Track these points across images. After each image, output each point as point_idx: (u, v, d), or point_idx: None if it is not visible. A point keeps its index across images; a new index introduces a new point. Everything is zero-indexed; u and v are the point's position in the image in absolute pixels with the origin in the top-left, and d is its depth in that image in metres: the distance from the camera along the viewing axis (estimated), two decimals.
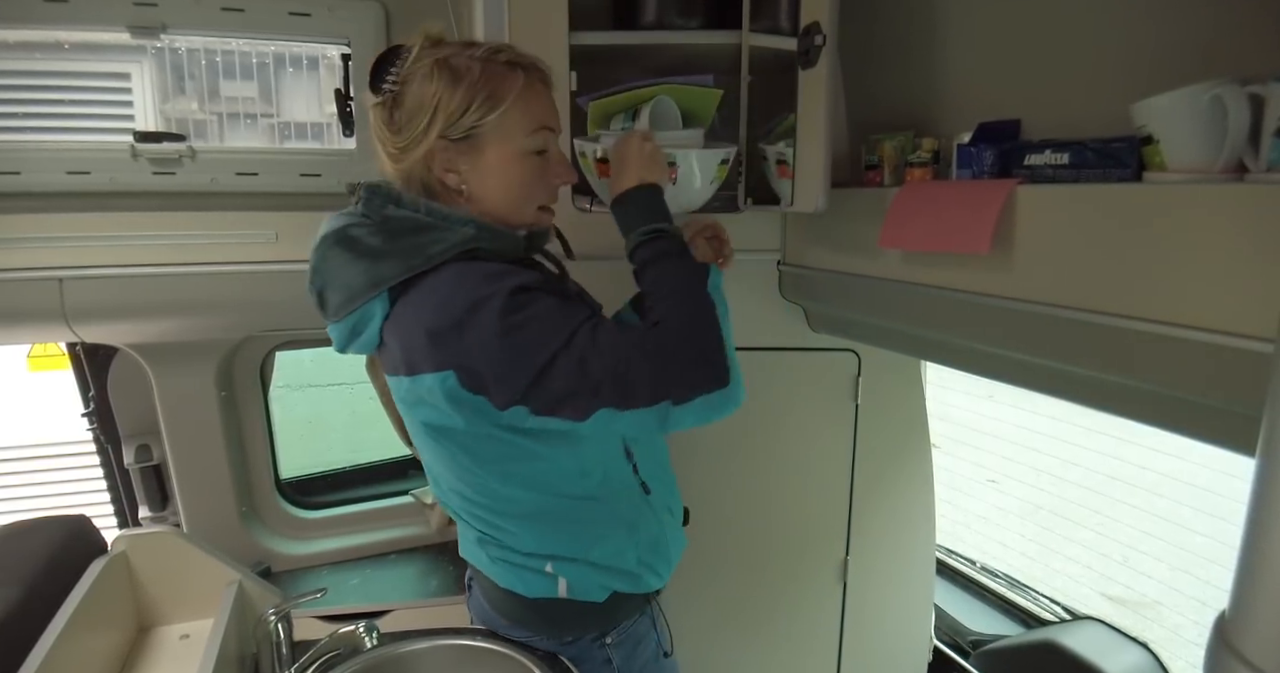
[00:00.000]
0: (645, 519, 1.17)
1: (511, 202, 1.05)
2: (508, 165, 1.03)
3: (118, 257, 1.50)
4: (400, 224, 1.01)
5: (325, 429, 2.34)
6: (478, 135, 1.00)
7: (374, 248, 0.99)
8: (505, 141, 1.02)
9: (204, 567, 1.28)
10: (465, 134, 1.00)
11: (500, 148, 1.02)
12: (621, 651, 1.21)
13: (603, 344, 0.94)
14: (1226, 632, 0.52)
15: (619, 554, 1.15)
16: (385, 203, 1.02)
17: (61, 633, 0.99)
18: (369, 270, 0.99)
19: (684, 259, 1.05)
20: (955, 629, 2.27)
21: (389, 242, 0.99)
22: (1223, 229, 0.79)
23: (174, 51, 1.65)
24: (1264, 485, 0.51)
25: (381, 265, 0.98)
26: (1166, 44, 0.96)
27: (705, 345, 0.97)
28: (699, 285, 1.01)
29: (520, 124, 1.02)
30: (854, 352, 1.77)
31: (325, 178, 1.69)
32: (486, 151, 1.02)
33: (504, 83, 1.00)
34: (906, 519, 1.90)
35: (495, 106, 0.99)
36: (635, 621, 1.23)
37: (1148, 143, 0.89)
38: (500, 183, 1.03)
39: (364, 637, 1.18)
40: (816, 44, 1.32)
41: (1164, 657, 1.98)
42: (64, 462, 3.71)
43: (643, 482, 1.17)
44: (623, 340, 0.95)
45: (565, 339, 0.94)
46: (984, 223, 1.01)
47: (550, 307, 0.96)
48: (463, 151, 1.01)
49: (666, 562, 1.22)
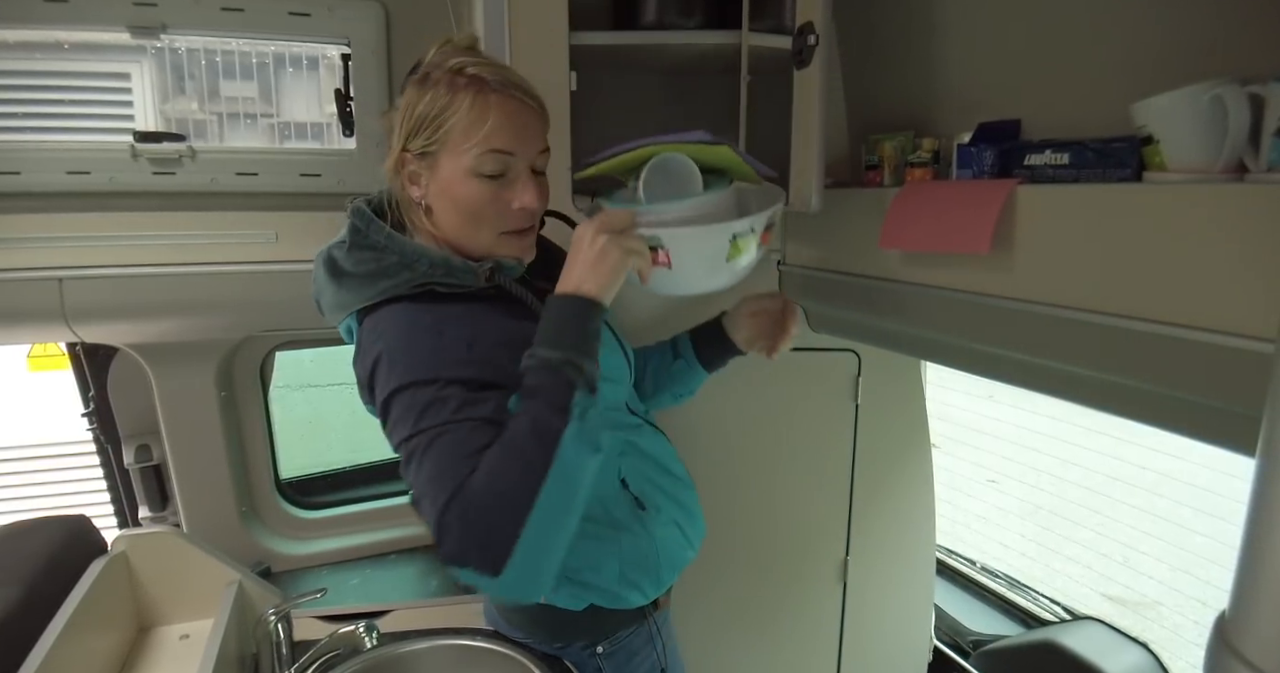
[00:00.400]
0: (634, 535, 1.13)
1: (463, 226, 1.01)
2: (456, 185, 0.98)
3: (118, 257, 1.50)
4: (362, 255, 1.02)
5: (325, 429, 2.34)
6: (434, 151, 0.98)
7: (344, 272, 1.02)
8: (455, 159, 0.97)
9: (204, 567, 1.28)
10: (423, 148, 0.98)
11: (451, 166, 0.98)
12: (613, 662, 1.19)
13: (427, 462, 0.86)
14: (1227, 632, 0.52)
15: (595, 569, 1.11)
16: (360, 228, 1.03)
17: (61, 633, 0.99)
18: (337, 293, 1.03)
19: (548, 406, 0.86)
20: (955, 629, 2.27)
21: (354, 269, 1.01)
22: (1223, 229, 0.79)
23: (174, 51, 1.65)
24: (1264, 486, 0.51)
25: (345, 292, 1.02)
26: (1167, 44, 0.96)
27: (495, 523, 0.81)
28: (544, 446, 0.84)
29: (469, 143, 0.96)
30: (854, 352, 1.77)
31: (325, 178, 1.69)
32: (441, 168, 0.99)
33: (458, 96, 0.96)
34: (907, 519, 1.90)
35: (445, 121, 0.96)
36: (631, 632, 1.20)
37: (1148, 143, 0.89)
38: (450, 203, 1.00)
39: (364, 637, 1.18)
40: (810, 44, 1.32)
41: (1164, 657, 1.98)
42: (64, 462, 3.71)
43: (635, 497, 1.13)
44: (443, 470, 0.84)
45: (432, 436, 0.87)
46: (984, 223, 1.01)
47: (421, 400, 0.88)
48: (424, 167, 1.00)
49: (655, 579, 1.16)
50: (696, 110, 1.80)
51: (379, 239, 1.01)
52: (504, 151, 0.98)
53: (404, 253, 1.00)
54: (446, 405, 0.88)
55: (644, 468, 1.16)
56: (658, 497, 1.16)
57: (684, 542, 1.20)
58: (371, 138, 1.67)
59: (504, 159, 0.98)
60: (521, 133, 0.99)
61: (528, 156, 1.00)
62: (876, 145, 1.38)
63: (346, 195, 1.10)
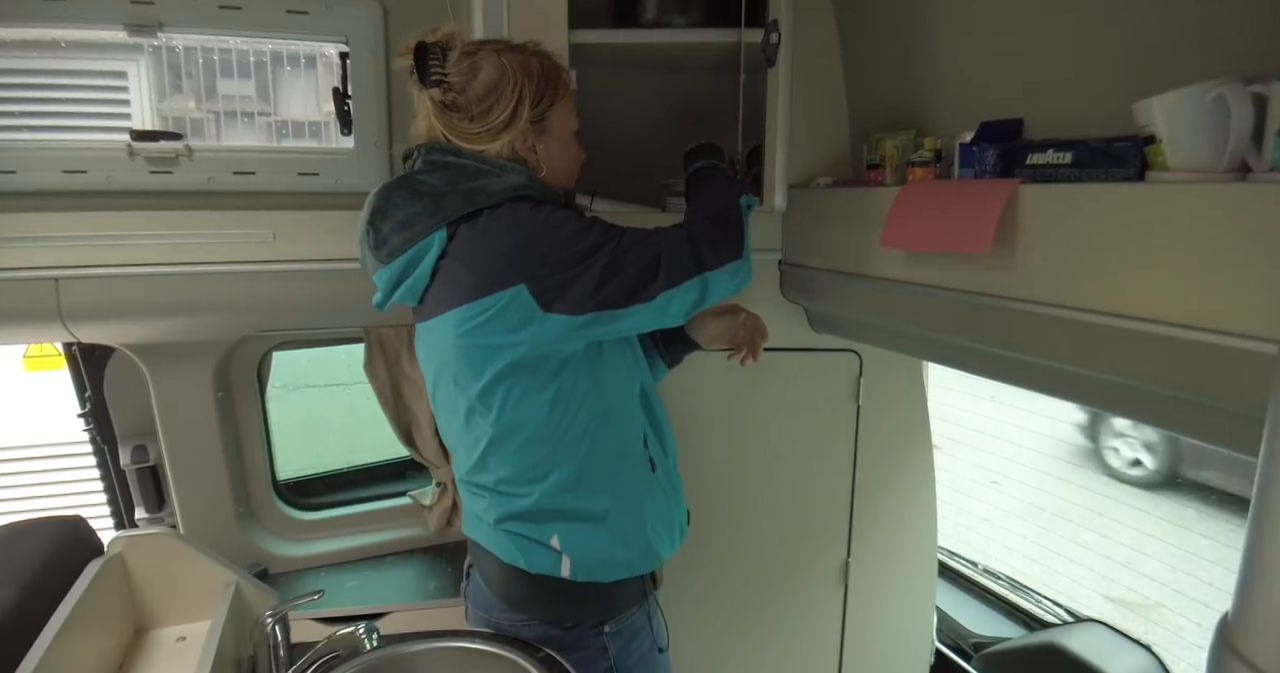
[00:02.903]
0: (653, 491, 1.25)
1: (568, 171, 1.26)
2: (568, 143, 1.24)
3: (114, 256, 1.50)
4: (460, 170, 1.16)
5: (322, 430, 2.34)
6: (548, 117, 1.19)
7: (437, 188, 1.13)
8: (563, 121, 1.21)
9: (201, 569, 1.27)
10: (539, 116, 1.18)
11: (561, 126, 1.21)
12: (619, 641, 1.23)
13: (650, 235, 1.15)
14: (1229, 634, 0.52)
15: (629, 515, 1.21)
16: (445, 154, 1.17)
17: (57, 635, 0.99)
18: (432, 205, 1.12)
19: (726, 179, 1.33)
20: (957, 631, 2.26)
21: (450, 184, 1.14)
22: (1225, 229, 0.78)
23: (171, 50, 1.64)
24: (1267, 487, 0.50)
25: (444, 202, 1.12)
26: (1169, 43, 0.95)
27: (729, 229, 1.20)
28: (733, 195, 1.27)
29: (572, 110, 1.23)
30: (855, 352, 1.76)
31: (323, 177, 1.68)
32: (552, 130, 1.20)
33: (560, 76, 1.20)
34: (908, 521, 1.89)
35: (559, 97, 1.19)
36: (634, 613, 1.26)
37: (1150, 142, 0.88)
38: (564, 157, 1.24)
39: (363, 639, 1.18)
40: (773, 42, 1.33)
41: (1166, 659, 1.97)
42: (60, 462, 3.70)
43: (650, 458, 1.25)
44: (663, 233, 1.16)
45: (619, 238, 1.12)
46: (986, 223, 1.00)
47: (598, 221, 1.14)
48: (537, 132, 1.19)
49: (671, 534, 1.29)
50: (695, 108, 1.80)
51: (471, 161, 1.16)
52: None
53: (503, 168, 1.16)
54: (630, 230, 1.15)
55: (659, 435, 1.30)
56: (664, 463, 1.29)
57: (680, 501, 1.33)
58: (369, 136, 1.67)
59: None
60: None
61: None
62: (878, 144, 1.38)
63: (344, 194, 1.11)
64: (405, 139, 1.68)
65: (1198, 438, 0.92)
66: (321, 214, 1.59)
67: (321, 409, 2.39)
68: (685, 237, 1.16)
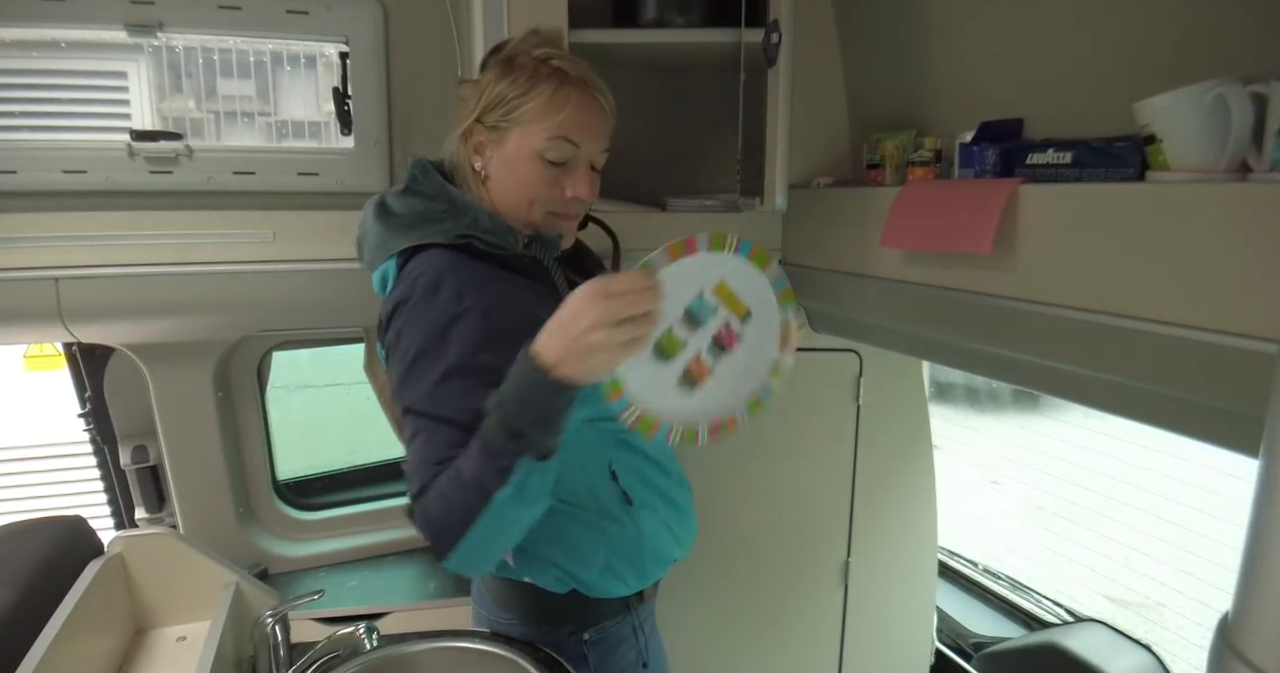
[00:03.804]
0: (621, 526, 1.14)
1: (516, 199, 1.09)
2: (520, 163, 1.06)
3: (114, 256, 1.50)
4: (413, 201, 1.10)
5: (322, 430, 2.33)
6: (505, 127, 1.06)
7: (392, 214, 1.10)
8: (524, 139, 1.05)
9: (201, 569, 1.27)
10: (495, 123, 1.06)
11: (519, 144, 1.06)
12: (598, 650, 1.20)
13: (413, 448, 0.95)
14: (1229, 634, 0.52)
15: (580, 556, 1.13)
16: (417, 176, 1.11)
17: (57, 636, 0.99)
18: (382, 234, 1.08)
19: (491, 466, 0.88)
20: (957, 631, 2.26)
21: (402, 211, 1.09)
22: (1225, 229, 0.78)
23: (171, 50, 1.64)
24: (1267, 487, 0.50)
25: (389, 232, 1.08)
26: (1169, 43, 0.95)
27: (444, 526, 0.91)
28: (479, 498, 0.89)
29: (539, 127, 1.04)
30: (855, 352, 1.76)
31: (323, 177, 1.68)
32: (508, 144, 1.06)
33: (538, 84, 1.04)
34: (908, 521, 1.89)
35: (522, 103, 1.04)
36: (617, 623, 1.21)
37: (1150, 142, 0.88)
38: (510, 177, 1.08)
39: (364, 638, 1.18)
40: (773, 42, 1.32)
41: (1167, 659, 1.97)
42: (60, 462, 3.71)
43: (624, 491, 1.14)
44: (417, 467, 0.93)
45: (405, 405, 0.97)
46: (986, 223, 1.00)
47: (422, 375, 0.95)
48: (491, 139, 1.08)
49: (639, 572, 1.18)
50: (695, 108, 1.80)
51: (432, 189, 1.10)
52: (572, 142, 1.05)
53: (453, 203, 1.08)
54: (441, 392, 0.94)
55: (636, 463, 1.16)
56: (647, 493, 1.17)
57: (672, 539, 1.21)
58: (369, 136, 1.67)
59: (570, 149, 1.06)
60: (591, 128, 1.07)
61: (591, 151, 1.08)
62: (878, 144, 1.38)
63: (344, 195, 1.11)
64: (405, 139, 1.70)
65: (1198, 438, 0.92)
66: (321, 214, 1.59)
67: (321, 409, 2.39)
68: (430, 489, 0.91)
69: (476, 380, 0.93)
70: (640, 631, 1.25)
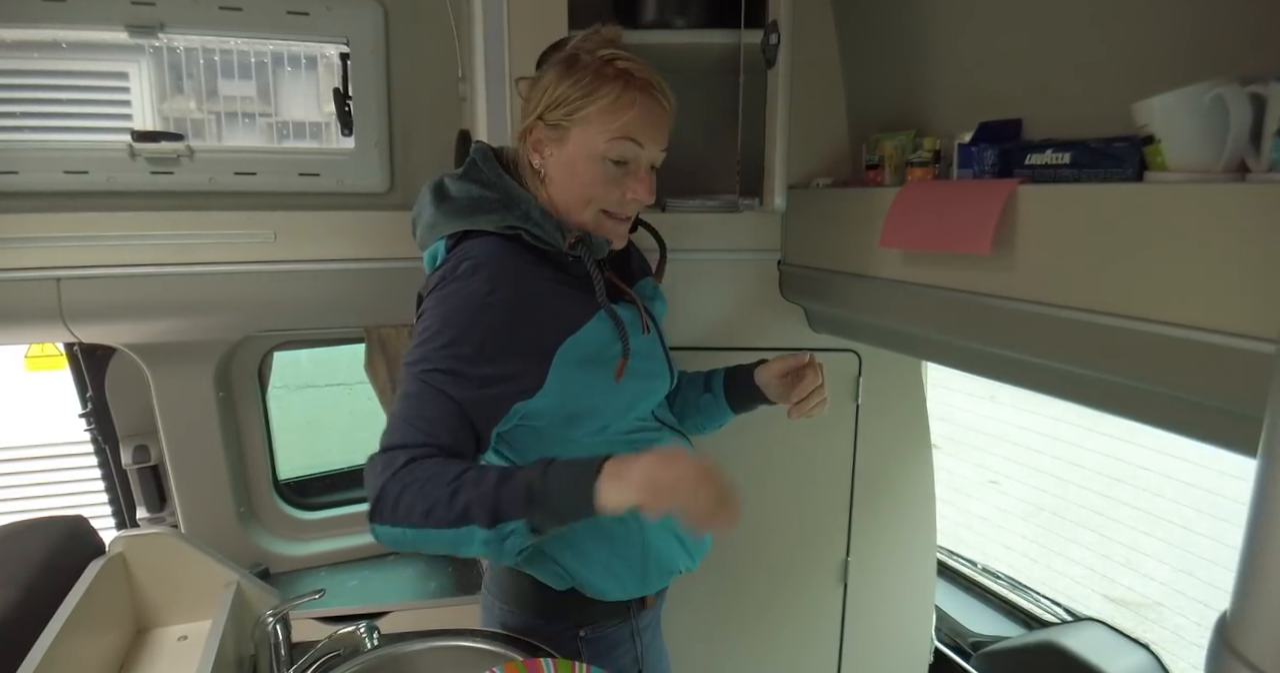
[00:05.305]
0: (627, 530, 1.14)
1: (573, 198, 1.09)
2: (580, 162, 1.07)
3: (115, 256, 1.50)
4: (470, 187, 1.11)
5: (323, 430, 2.33)
6: (566, 126, 1.06)
7: (448, 197, 1.11)
8: (586, 139, 1.06)
9: (202, 568, 1.27)
10: (557, 122, 1.07)
11: (580, 144, 1.06)
12: (593, 649, 1.20)
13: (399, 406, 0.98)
14: (1228, 633, 0.52)
15: (581, 554, 1.13)
16: (478, 163, 1.13)
17: (59, 635, 0.99)
18: (435, 215, 1.10)
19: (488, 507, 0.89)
20: (956, 631, 2.26)
21: (458, 194, 1.10)
22: (1224, 229, 0.78)
23: (172, 51, 1.64)
24: (1265, 487, 0.51)
25: (443, 215, 1.09)
26: (1168, 43, 0.95)
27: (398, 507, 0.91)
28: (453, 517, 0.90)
29: (603, 127, 1.05)
30: (854, 352, 1.76)
31: (324, 177, 1.68)
32: (569, 144, 1.07)
33: (603, 85, 1.04)
34: (907, 520, 1.89)
35: (586, 104, 1.04)
36: (614, 625, 1.21)
37: (1149, 143, 0.88)
38: (569, 176, 1.09)
39: (364, 638, 1.18)
40: (772, 42, 1.32)
41: (1165, 658, 1.97)
42: (61, 462, 3.70)
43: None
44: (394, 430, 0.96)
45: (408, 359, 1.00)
46: (985, 223, 1.00)
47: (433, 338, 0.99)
48: (552, 138, 1.08)
49: (640, 578, 1.18)
50: (695, 109, 1.79)
51: (490, 176, 1.11)
52: (636, 142, 1.06)
53: (508, 194, 1.09)
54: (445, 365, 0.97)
55: None
56: None
57: (681, 552, 1.21)
58: (370, 137, 1.67)
59: (633, 149, 1.07)
60: (654, 129, 1.08)
61: (652, 153, 1.09)
62: (877, 144, 1.38)
63: (345, 195, 1.12)
64: (405, 139, 1.70)
65: (1197, 438, 0.92)
66: (322, 214, 1.59)
67: (322, 409, 2.39)
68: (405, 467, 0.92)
69: (474, 371, 0.98)
70: (638, 637, 1.24)
